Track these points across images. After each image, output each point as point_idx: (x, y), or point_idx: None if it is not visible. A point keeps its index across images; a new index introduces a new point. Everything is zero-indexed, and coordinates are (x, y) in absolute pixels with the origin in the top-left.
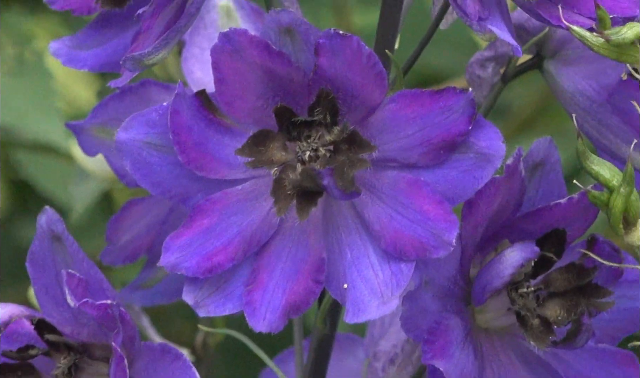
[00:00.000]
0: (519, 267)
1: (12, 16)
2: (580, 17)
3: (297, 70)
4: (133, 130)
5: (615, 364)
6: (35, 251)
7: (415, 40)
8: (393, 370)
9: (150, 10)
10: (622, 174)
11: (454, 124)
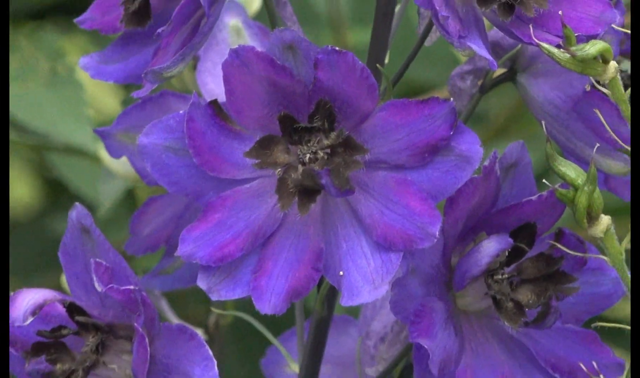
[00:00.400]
0: (495, 257)
1: (46, 34)
2: (549, 35)
3: (299, 83)
4: (153, 135)
5: (579, 342)
6: (67, 242)
7: (403, 56)
8: (383, 347)
9: (169, 30)
10: (586, 174)
11: (437, 129)
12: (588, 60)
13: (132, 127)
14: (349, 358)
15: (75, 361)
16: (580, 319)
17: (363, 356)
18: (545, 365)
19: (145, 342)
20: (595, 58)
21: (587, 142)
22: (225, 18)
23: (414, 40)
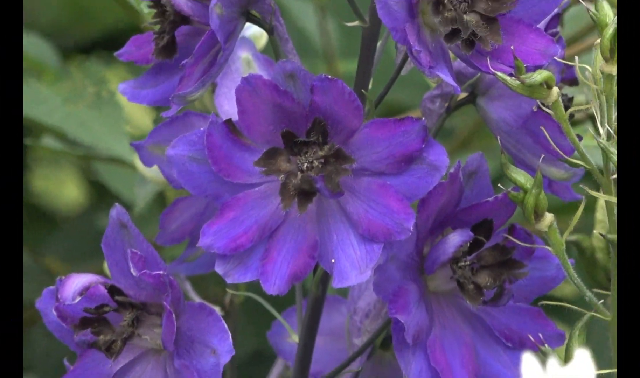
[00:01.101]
0: (459, 247)
1: (92, 65)
2: (503, 65)
3: (298, 104)
4: (179, 147)
5: (528, 317)
6: (108, 235)
7: (384, 82)
8: (367, 322)
9: (191, 61)
10: (533, 180)
11: (412, 143)
12: (535, 86)
13: (161, 141)
14: (339, 330)
15: (114, 333)
16: (529, 298)
17: (351, 329)
18: (500, 336)
19: (173, 317)
20: (540, 84)
21: (534, 153)
22: (238, 52)
23: (392, 69)
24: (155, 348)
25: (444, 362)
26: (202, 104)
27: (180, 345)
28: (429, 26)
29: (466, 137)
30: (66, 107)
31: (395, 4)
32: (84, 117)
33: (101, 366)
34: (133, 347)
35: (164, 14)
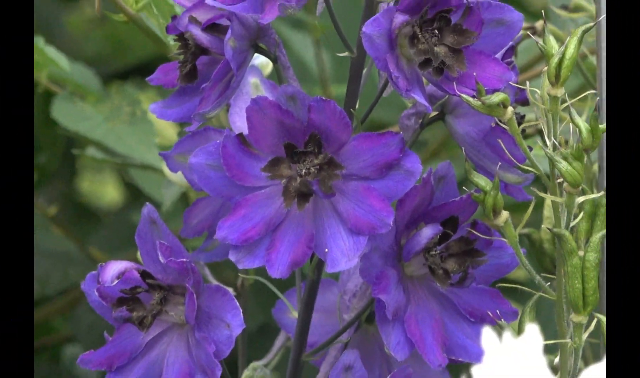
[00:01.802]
0: (430, 239)
1: (128, 88)
2: (467, 89)
3: (297, 121)
4: (199, 157)
5: (488, 297)
6: (141, 229)
7: (368, 102)
8: (355, 300)
9: (209, 85)
10: (492, 183)
11: (391, 153)
12: (493, 106)
13: (184, 151)
14: (332, 308)
15: (146, 310)
16: (488, 281)
17: (341, 306)
18: (465, 312)
19: (194, 297)
20: (498, 104)
21: (493, 161)
22: (248, 77)
23: (375, 92)
24: (179, 322)
25: (418, 333)
26: (219, 121)
27: (200, 320)
28: (405, 56)
29: (436, 148)
30: (106, 123)
31: (378, 38)
32: (121, 131)
33: (135, 337)
34: (161, 322)
35: (186, 46)
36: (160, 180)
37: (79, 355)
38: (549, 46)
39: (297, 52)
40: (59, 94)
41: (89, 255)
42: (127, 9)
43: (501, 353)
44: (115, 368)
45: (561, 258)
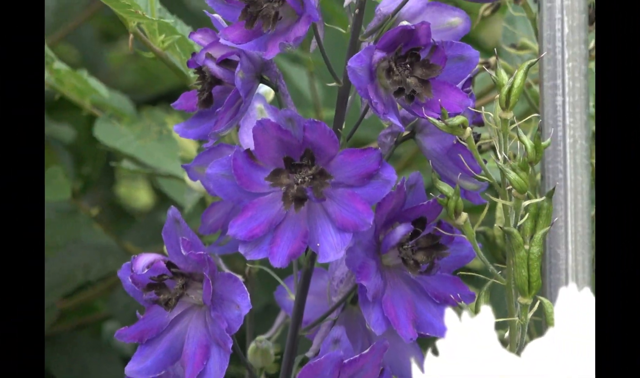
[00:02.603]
0: (403, 235)
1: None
2: (433, 112)
3: (294, 139)
4: (214, 168)
5: (450, 283)
6: (166, 227)
7: (353, 123)
8: (342, 286)
9: (223, 110)
10: (454, 189)
11: (372, 165)
12: (455, 127)
13: (202, 163)
14: (323, 292)
15: (170, 293)
16: (451, 270)
17: (330, 290)
18: (431, 296)
19: (210, 283)
20: (458, 125)
21: (455, 172)
22: (254, 103)
23: (358, 115)
24: (198, 304)
25: (393, 313)
26: (230, 138)
27: (214, 302)
28: (383, 86)
29: (408, 160)
30: (138, 141)
31: (360, 71)
32: (151, 147)
33: (161, 316)
34: (183, 303)
35: (204, 77)
36: (182, 187)
37: (116, 330)
38: (500, 78)
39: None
40: (99, 117)
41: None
42: (155, 48)
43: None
44: (145, 341)
45: (510, 251)
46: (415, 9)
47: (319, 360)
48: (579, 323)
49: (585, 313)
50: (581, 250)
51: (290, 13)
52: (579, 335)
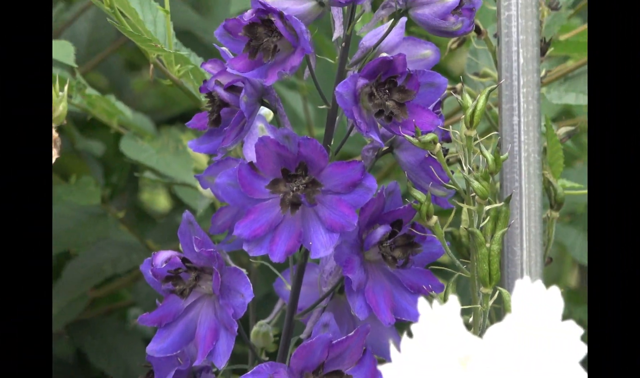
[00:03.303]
0: (383, 235)
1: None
2: (408, 131)
3: (290, 153)
4: (222, 178)
5: (423, 275)
6: (182, 228)
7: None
8: (330, 278)
9: (229, 128)
10: (425, 196)
11: (356, 175)
12: (426, 143)
13: (212, 174)
14: (314, 283)
15: (185, 284)
16: (423, 264)
17: (321, 282)
18: (407, 286)
19: (219, 275)
20: (430, 141)
21: (426, 181)
22: (256, 122)
23: (344, 132)
24: (208, 293)
25: (374, 301)
26: (236, 153)
27: (222, 291)
28: (365, 108)
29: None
30: (158, 154)
31: (346, 96)
32: (168, 160)
33: (177, 304)
34: (195, 293)
35: (213, 101)
36: (195, 194)
37: (139, 315)
38: (465, 101)
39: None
40: (125, 134)
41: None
42: (172, 76)
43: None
44: (163, 325)
45: (474, 249)
46: (393, 42)
47: (311, 341)
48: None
49: (538, 302)
50: (534, 248)
51: (287, 46)
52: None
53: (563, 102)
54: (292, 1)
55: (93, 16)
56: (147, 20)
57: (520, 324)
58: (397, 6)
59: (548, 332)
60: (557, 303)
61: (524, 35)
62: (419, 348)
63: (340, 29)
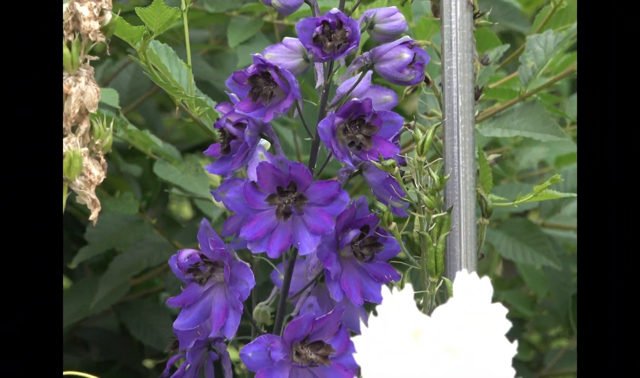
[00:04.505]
0: (354, 237)
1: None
2: (373, 157)
3: (283, 175)
4: (231, 193)
5: (385, 268)
6: (200, 232)
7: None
8: (314, 270)
9: (236, 155)
10: (387, 207)
11: (334, 191)
12: (387, 166)
13: (223, 190)
14: (302, 274)
15: (202, 275)
16: (385, 259)
17: (307, 273)
18: (373, 276)
19: (228, 268)
20: (390, 165)
21: (387, 196)
22: (257, 151)
23: (325, 158)
24: (220, 281)
25: (347, 287)
26: (241, 174)
27: (231, 280)
28: (341, 140)
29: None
30: (182, 175)
31: (326, 130)
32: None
33: (197, 289)
34: (210, 281)
35: (224, 134)
36: (211, 206)
37: (168, 298)
38: (417, 134)
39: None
40: (157, 160)
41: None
42: (193, 115)
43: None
44: (186, 306)
45: (424, 247)
46: (362, 89)
47: (299, 318)
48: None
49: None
50: (470, 247)
51: (281, 92)
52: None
53: (492, 135)
54: (285, 58)
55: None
56: (174, 73)
57: (460, 306)
58: (365, 62)
59: (480, 312)
60: (487, 289)
61: (462, 84)
62: (381, 324)
63: (321, 79)
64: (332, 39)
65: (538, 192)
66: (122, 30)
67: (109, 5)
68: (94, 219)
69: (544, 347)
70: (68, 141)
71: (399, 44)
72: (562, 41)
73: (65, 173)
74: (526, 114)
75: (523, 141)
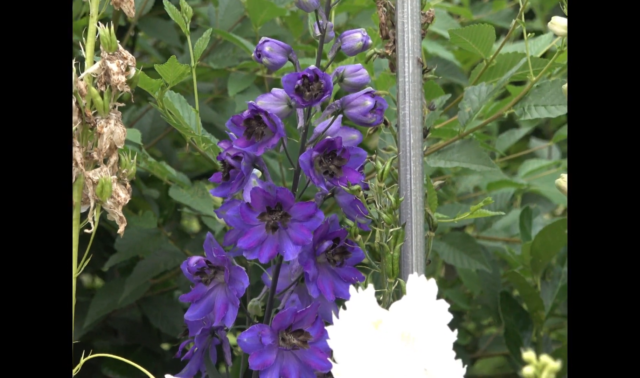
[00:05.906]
0: (328, 246)
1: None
2: (343, 183)
3: (272, 197)
4: (230, 212)
5: (352, 271)
6: (206, 242)
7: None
8: (296, 273)
9: (234, 182)
10: (354, 223)
11: (311, 210)
12: (355, 191)
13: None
14: (286, 276)
15: (207, 276)
16: (353, 264)
17: (290, 275)
18: (342, 278)
19: (228, 271)
20: (356, 190)
21: (354, 214)
22: (251, 178)
23: (304, 184)
24: (222, 282)
25: (322, 286)
26: (239, 196)
27: (230, 281)
28: (317, 169)
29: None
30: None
31: (306, 162)
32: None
33: (203, 288)
34: (214, 282)
35: (225, 165)
36: (214, 222)
37: (180, 295)
38: (378, 165)
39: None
40: (172, 185)
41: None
42: (200, 150)
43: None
44: (195, 301)
45: (383, 255)
46: (334, 129)
47: (284, 311)
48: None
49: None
50: (419, 254)
51: (269, 132)
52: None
53: (437, 165)
54: (273, 105)
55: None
56: (185, 116)
57: (412, 301)
58: (336, 108)
59: (428, 306)
60: (433, 288)
61: (414, 125)
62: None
63: (302, 121)
64: (310, 90)
65: (474, 211)
66: (144, 83)
67: (133, 62)
68: (121, 232)
69: (478, 333)
70: (100, 170)
71: (363, 93)
72: (493, 91)
73: (98, 196)
74: (464, 149)
75: (462, 170)
